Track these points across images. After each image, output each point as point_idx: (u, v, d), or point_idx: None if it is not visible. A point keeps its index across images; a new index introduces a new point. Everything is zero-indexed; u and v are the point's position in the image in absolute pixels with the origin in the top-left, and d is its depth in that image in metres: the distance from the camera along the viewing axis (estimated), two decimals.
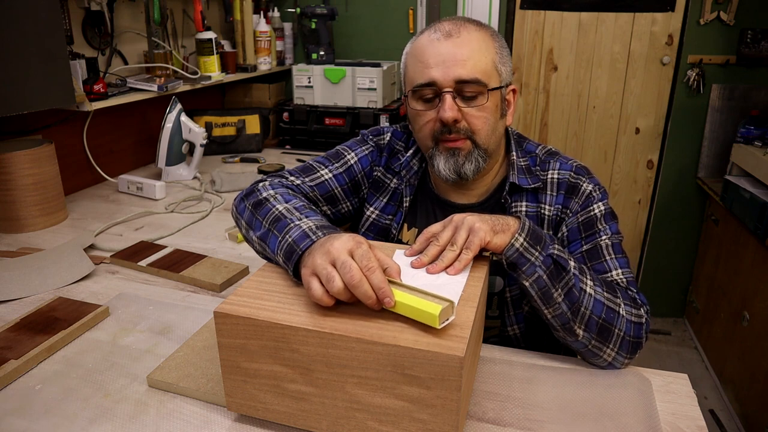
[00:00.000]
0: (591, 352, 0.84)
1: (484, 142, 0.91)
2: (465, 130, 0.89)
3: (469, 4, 2.40)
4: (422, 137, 0.94)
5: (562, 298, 0.80)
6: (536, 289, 0.79)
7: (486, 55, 0.89)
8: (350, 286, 0.65)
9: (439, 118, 0.88)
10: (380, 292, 0.64)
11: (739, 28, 2.25)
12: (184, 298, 1.11)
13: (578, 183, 0.94)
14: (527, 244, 0.78)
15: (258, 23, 2.30)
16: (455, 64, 0.86)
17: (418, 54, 0.90)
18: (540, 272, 0.78)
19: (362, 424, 0.67)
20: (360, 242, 0.69)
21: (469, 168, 0.91)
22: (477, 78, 0.87)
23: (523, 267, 0.79)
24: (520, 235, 0.78)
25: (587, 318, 0.81)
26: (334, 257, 0.67)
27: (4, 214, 1.43)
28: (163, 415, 0.77)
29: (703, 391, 2.21)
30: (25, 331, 0.94)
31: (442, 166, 0.92)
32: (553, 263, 0.79)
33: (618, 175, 2.58)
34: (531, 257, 0.78)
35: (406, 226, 1.03)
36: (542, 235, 0.81)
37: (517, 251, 0.78)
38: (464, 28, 0.89)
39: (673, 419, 0.76)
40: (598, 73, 2.46)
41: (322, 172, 1.01)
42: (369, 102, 2.25)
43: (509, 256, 0.78)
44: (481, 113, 0.89)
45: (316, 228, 0.77)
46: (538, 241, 0.79)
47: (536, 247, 0.79)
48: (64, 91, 1.43)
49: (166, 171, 1.88)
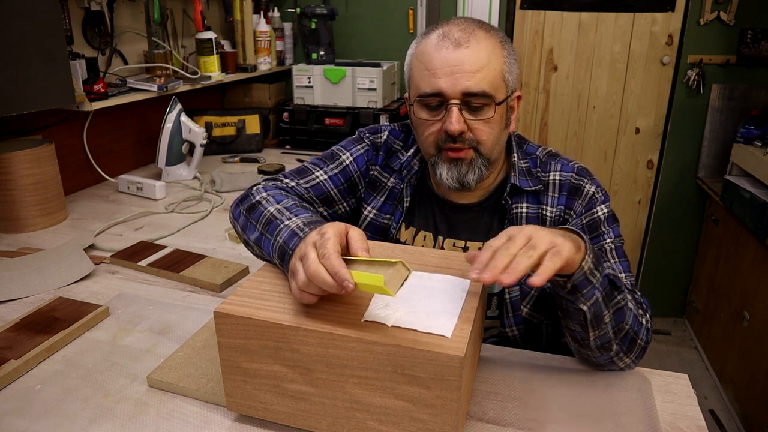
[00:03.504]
0: (611, 362, 0.83)
1: (487, 153, 0.90)
2: (470, 140, 0.89)
3: (469, 4, 2.40)
4: (426, 145, 0.94)
5: (609, 318, 0.75)
6: (591, 313, 0.74)
7: (495, 66, 0.87)
8: (309, 277, 0.64)
9: (445, 129, 0.87)
10: (336, 276, 0.62)
11: (739, 28, 2.25)
12: (184, 298, 1.11)
13: (581, 184, 0.94)
14: (592, 265, 0.71)
15: (258, 23, 2.30)
16: (463, 76, 0.85)
17: (425, 60, 0.88)
18: (597, 294, 0.72)
19: (362, 424, 0.67)
20: (323, 232, 0.67)
21: (472, 177, 0.91)
22: (485, 91, 0.85)
23: (583, 290, 0.71)
24: (588, 256, 0.70)
25: (624, 332, 0.78)
26: (302, 252, 0.67)
27: (4, 214, 1.43)
28: (163, 415, 0.77)
29: (703, 391, 2.21)
30: (25, 331, 0.94)
31: (444, 175, 0.91)
32: (609, 284, 0.74)
33: (618, 175, 2.58)
34: (593, 279, 0.71)
35: (404, 225, 1.03)
36: (597, 251, 0.74)
37: (584, 274, 0.70)
38: (474, 37, 0.86)
39: (673, 419, 0.76)
40: (598, 73, 2.46)
41: (317, 173, 1.01)
42: (369, 102, 2.25)
43: (576, 279, 0.70)
44: (487, 126, 0.88)
45: (304, 225, 0.77)
46: (598, 260, 0.72)
47: (598, 268, 0.71)
48: (64, 91, 1.43)
49: (166, 171, 1.88)
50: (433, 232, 1.01)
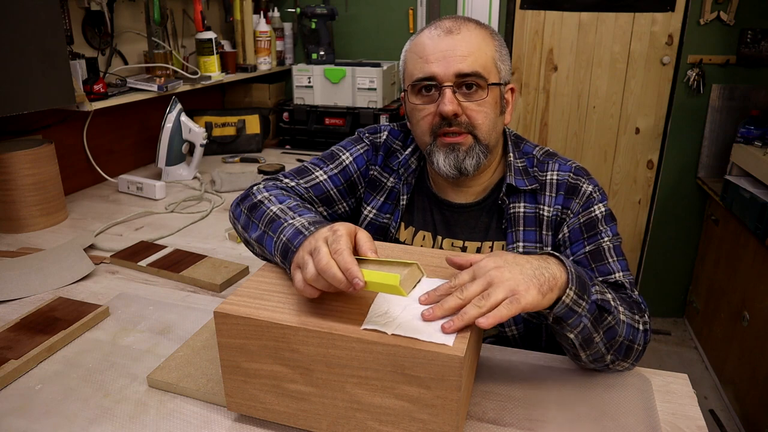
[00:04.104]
0: (608, 368, 0.83)
1: (485, 137, 0.90)
2: (466, 124, 0.89)
3: (469, 4, 2.40)
4: (420, 132, 0.93)
5: (600, 338, 0.76)
6: (579, 339, 0.74)
7: (486, 51, 0.89)
8: (320, 270, 0.64)
9: (439, 111, 0.88)
10: (348, 273, 0.62)
11: (739, 28, 2.25)
12: (184, 298, 1.11)
13: (578, 184, 0.94)
14: (576, 296, 0.70)
15: (258, 23, 2.30)
16: (455, 59, 0.86)
17: (418, 50, 0.90)
18: (585, 321, 0.72)
19: (362, 424, 0.67)
20: (335, 230, 0.68)
21: (470, 163, 0.90)
22: (477, 71, 0.87)
23: (568, 320, 0.72)
24: (570, 289, 0.69)
25: (618, 344, 0.79)
26: (312, 246, 0.67)
27: (4, 214, 1.43)
28: (163, 415, 0.77)
29: (703, 391, 2.21)
30: (25, 331, 0.94)
31: (441, 162, 0.91)
32: (597, 309, 0.73)
33: (618, 175, 2.58)
34: (578, 309, 0.71)
35: (403, 225, 1.03)
36: (584, 278, 0.73)
37: (567, 306, 0.70)
38: (464, 26, 0.89)
39: (673, 419, 0.76)
40: (598, 73, 2.46)
41: (316, 173, 1.01)
42: (369, 102, 2.25)
43: (557, 313, 0.70)
44: (481, 108, 0.89)
45: (309, 224, 0.77)
46: (583, 288, 0.71)
47: (583, 297, 0.71)
48: (64, 91, 1.43)
49: (166, 171, 1.88)
50: (431, 231, 1.01)
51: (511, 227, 0.95)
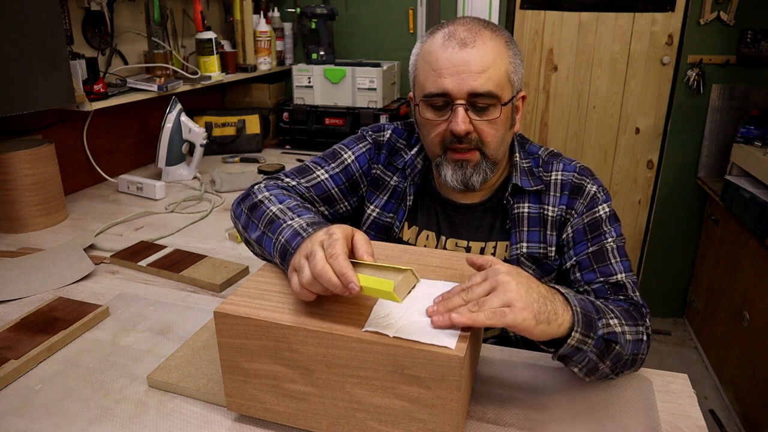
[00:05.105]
0: (611, 378, 0.84)
1: (492, 154, 0.90)
2: (475, 141, 0.89)
3: (469, 4, 2.40)
4: (431, 146, 0.93)
5: (607, 365, 0.76)
6: (585, 370, 0.76)
7: (500, 66, 0.86)
8: (315, 275, 0.64)
9: (451, 129, 0.87)
10: (343, 277, 0.62)
11: (739, 28, 2.25)
12: (184, 298, 1.11)
13: (582, 184, 0.94)
14: (581, 336, 0.70)
15: (258, 23, 2.30)
16: (469, 76, 0.84)
17: (431, 60, 0.88)
18: (591, 356, 0.73)
19: (362, 424, 0.67)
20: (332, 233, 0.68)
21: (477, 179, 0.91)
22: (490, 91, 0.85)
23: (573, 357, 0.73)
24: (576, 332, 0.70)
25: (623, 362, 0.79)
26: (308, 250, 0.67)
27: (4, 214, 1.43)
28: (163, 415, 0.77)
29: (703, 391, 2.21)
30: (25, 331, 0.94)
31: (449, 176, 0.91)
32: (604, 343, 0.73)
33: (618, 175, 2.58)
34: (584, 347, 0.72)
35: (407, 225, 1.03)
36: (591, 313, 0.73)
37: (572, 347, 0.71)
38: (480, 37, 0.86)
39: (673, 419, 0.76)
40: (598, 73, 2.46)
41: (318, 172, 1.00)
42: (369, 102, 2.25)
43: (562, 353, 0.72)
44: (492, 127, 0.88)
45: (307, 225, 0.77)
46: (590, 327, 0.71)
47: (589, 335, 0.71)
48: (64, 91, 1.43)
49: (166, 171, 1.88)
50: (435, 231, 1.01)
51: (515, 227, 0.95)
